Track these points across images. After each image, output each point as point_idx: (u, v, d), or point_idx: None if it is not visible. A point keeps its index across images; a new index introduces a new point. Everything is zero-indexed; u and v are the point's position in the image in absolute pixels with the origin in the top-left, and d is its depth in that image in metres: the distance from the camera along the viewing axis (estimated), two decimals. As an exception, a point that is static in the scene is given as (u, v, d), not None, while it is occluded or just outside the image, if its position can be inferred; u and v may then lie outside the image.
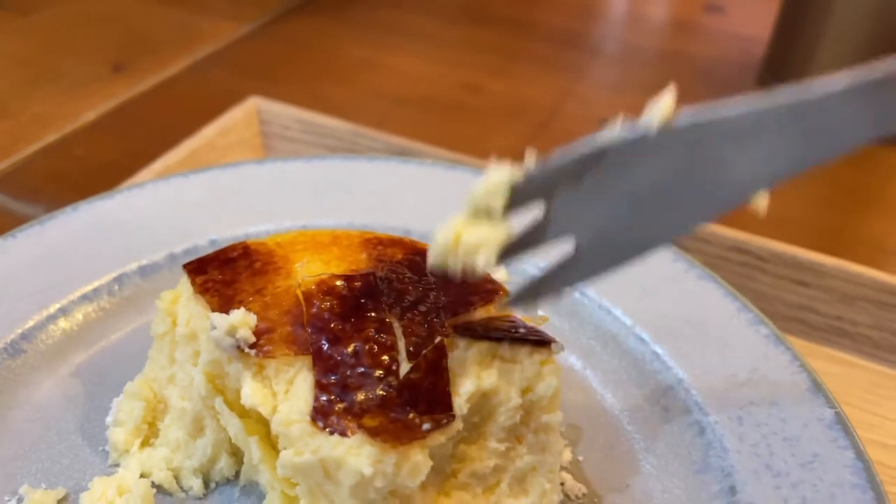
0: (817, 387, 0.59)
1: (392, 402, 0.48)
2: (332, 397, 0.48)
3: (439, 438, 0.48)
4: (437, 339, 0.50)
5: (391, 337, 0.51)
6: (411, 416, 0.47)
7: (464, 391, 0.49)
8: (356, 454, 0.45)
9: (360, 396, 0.48)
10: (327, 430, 0.47)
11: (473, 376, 0.50)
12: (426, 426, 0.47)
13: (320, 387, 0.48)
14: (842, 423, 0.56)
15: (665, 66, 1.36)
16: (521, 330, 0.53)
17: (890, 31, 1.04)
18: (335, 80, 1.23)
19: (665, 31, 1.51)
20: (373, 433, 0.46)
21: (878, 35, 1.05)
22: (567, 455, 0.60)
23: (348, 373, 0.49)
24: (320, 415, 0.47)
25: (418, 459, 0.46)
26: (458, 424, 0.49)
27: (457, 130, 1.11)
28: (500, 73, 1.28)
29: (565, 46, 1.39)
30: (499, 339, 0.52)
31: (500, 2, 1.55)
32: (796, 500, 0.53)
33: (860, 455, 0.54)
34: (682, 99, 0.44)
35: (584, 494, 0.58)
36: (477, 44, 1.38)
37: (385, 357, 0.50)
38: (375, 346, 0.50)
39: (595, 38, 1.46)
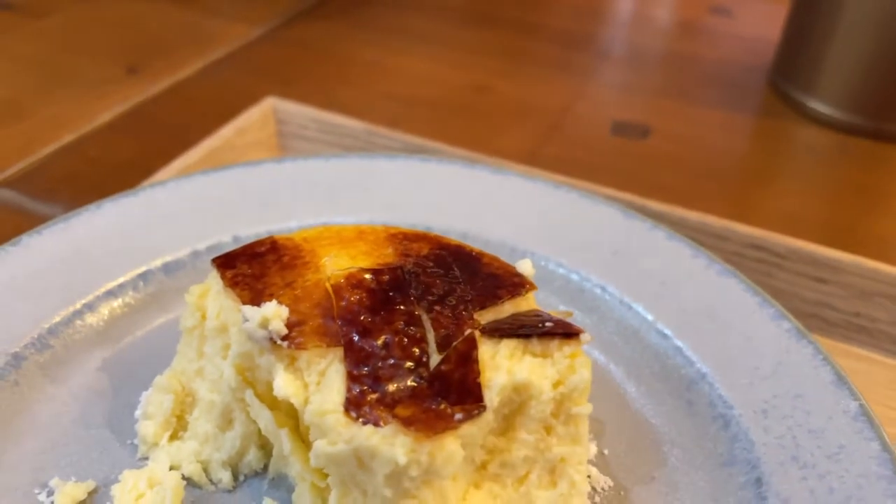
0: (841, 380, 0.59)
1: (423, 393, 0.48)
2: (365, 388, 0.48)
3: (471, 429, 0.48)
4: (468, 332, 0.51)
5: (420, 329, 0.51)
6: (443, 406, 0.47)
7: (495, 384, 0.50)
8: (390, 443, 0.46)
9: (392, 387, 0.48)
10: (360, 420, 0.47)
11: (505, 371, 0.50)
12: (458, 416, 0.47)
13: (352, 378, 0.49)
14: (867, 414, 0.56)
15: (673, 69, 1.37)
16: (549, 324, 0.53)
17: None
18: (347, 82, 1.23)
19: (672, 33, 1.51)
20: (406, 423, 0.46)
21: (887, 37, 1.06)
22: (592, 448, 0.60)
23: (379, 364, 0.49)
24: (353, 405, 0.48)
25: (452, 449, 0.47)
26: (488, 416, 0.49)
27: (467, 131, 1.12)
28: (509, 74, 1.29)
29: (573, 48, 1.40)
30: (527, 336, 0.52)
31: (508, 4, 1.56)
32: (823, 491, 0.53)
33: (886, 446, 0.54)
34: (691, 100, 0.45)
35: (610, 487, 0.58)
36: (486, 46, 1.39)
37: (415, 349, 0.50)
38: (405, 339, 0.50)
39: (602, 41, 1.47)
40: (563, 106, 1.20)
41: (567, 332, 0.52)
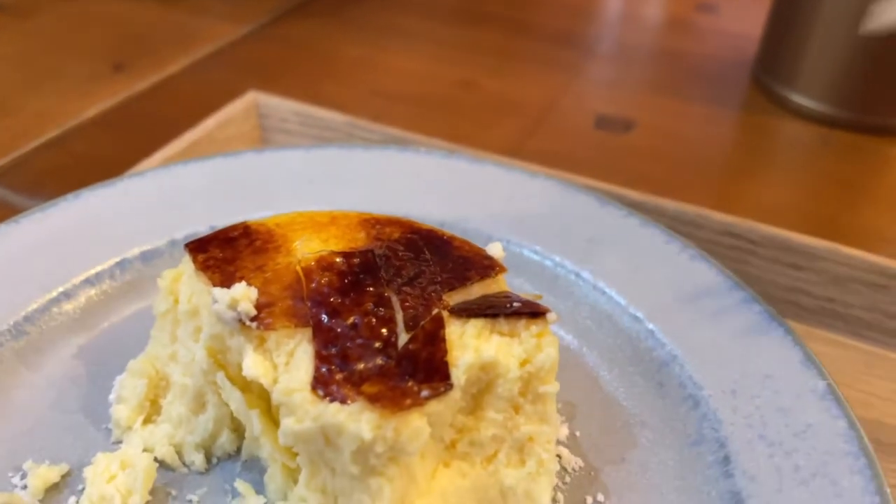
0: (809, 359, 0.60)
1: (391, 371, 0.48)
2: (332, 367, 0.49)
3: (437, 406, 0.49)
4: (435, 311, 0.51)
5: (389, 310, 0.52)
6: (410, 384, 0.48)
7: (462, 363, 0.50)
8: (356, 420, 0.46)
9: (360, 366, 0.49)
10: (327, 398, 0.47)
11: (472, 349, 0.51)
12: (424, 393, 0.48)
13: (320, 358, 0.49)
14: (834, 393, 0.57)
15: (657, 64, 1.37)
16: (516, 304, 0.54)
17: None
18: (332, 78, 1.24)
19: (658, 30, 1.52)
20: (372, 399, 0.47)
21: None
22: (564, 430, 0.61)
23: (348, 344, 0.50)
24: (321, 384, 0.48)
25: (418, 425, 0.47)
26: (455, 394, 0.50)
27: (452, 126, 1.12)
28: (496, 71, 1.30)
29: (560, 45, 1.41)
30: (494, 315, 0.53)
31: (496, 2, 1.57)
32: (789, 468, 0.53)
33: (852, 424, 0.55)
34: (677, 94, 0.46)
35: (581, 468, 0.59)
36: (473, 43, 1.40)
37: (384, 329, 0.51)
38: (374, 319, 0.51)
39: (589, 37, 1.47)
40: (547, 101, 1.21)
41: (534, 312, 0.53)
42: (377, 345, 0.50)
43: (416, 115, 1.14)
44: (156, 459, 0.57)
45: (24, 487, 0.54)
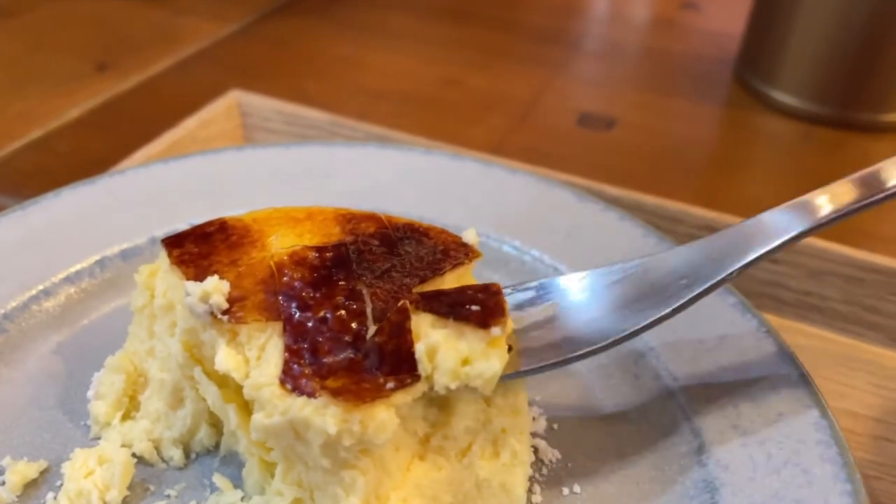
0: (783, 350, 0.60)
1: (358, 364, 0.48)
2: (301, 361, 0.49)
3: (404, 397, 0.48)
4: (401, 302, 0.51)
5: (360, 304, 0.52)
6: (376, 376, 0.48)
7: (419, 354, 0.49)
8: (321, 414, 0.46)
9: (329, 359, 0.49)
10: (295, 392, 0.48)
11: (423, 334, 0.50)
12: (390, 385, 0.47)
13: (290, 351, 0.49)
14: (806, 383, 0.58)
15: (642, 62, 1.38)
16: (474, 308, 0.50)
17: (855, 27, 1.06)
18: (316, 76, 1.24)
19: (642, 28, 1.53)
20: (335, 393, 0.46)
21: (846, 28, 1.07)
22: (542, 423, 0.61)
23: (318, 338, 0.50)
24: (289, 377, 0.48)
25: (384, 417, 0.46)
26: (422, 385, 0.49)
27: (435, 123, 1.13)
28: (480, 68, 1.30)
29: (545, 43, 1.42)
30: (444, 315, 0.51)
31: (482, 1, 1.58)
32: (762, 457, 0.54)
33: (824, 413, 0.55)
34: (660, 92, 0.46)
35: (558, 460, 0.59)
36: (458, 41, 1.40)
37: (354, 323, 0.50)
38: (344, 313, 0.51)
39: (574, 35, 1.48)
40: (530, 98, 1.22)
41: (483, 323, 0.50)
42: (347, 338, 0.50)
43: (400, 113, 1.15)
44: (134, 455, 0.57)
45: (3, 484, 0.55)
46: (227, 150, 0.81)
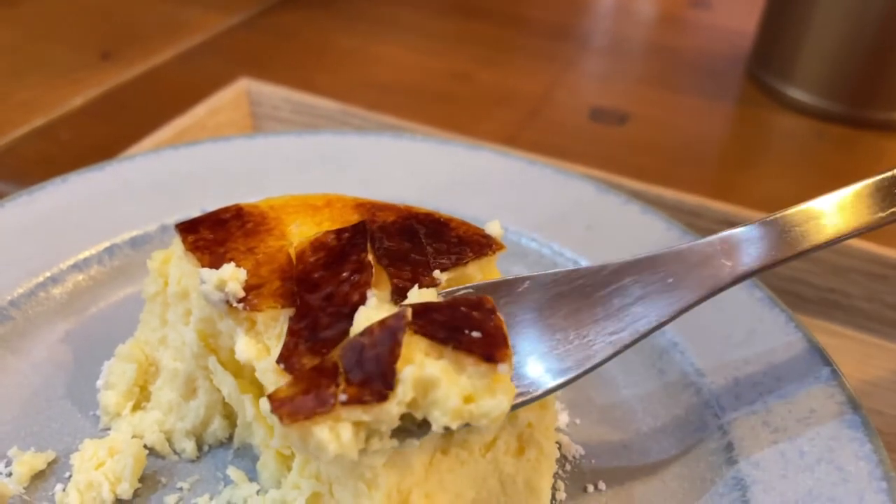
0: (812, 346, 0.59)
1: (324, 368, 0.44)
2: (300, 340, 0.47)
3: (359, 414, 0.42)
4: (399, 308, 0.46)
5: (366, 276, 0.49)
6: (333, 386, 0.43)
7: (405, 376, 0.42)
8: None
9: (326, 334, 0.46)
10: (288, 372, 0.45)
11: (418, 363, 0.43)
12: (343, 398, 0.42)
13: (291, 332, 0.48)
14: (838, 379, 0.56)
15: (653, 59, 1.37)
16: (474, 334, 0.44)
17: (870, 25, 1.05)
18: (324, 69, 1.23)
19: (652, 25, 1.52)
20: (276, 406, 0.42)
21: (861, 25, 1.06)
22: (564, 418, 0.60)
23: (319, 315, 0.48)
24: (284, 359, 0.46)
25: (322, 437, 0.41)
26: (392, 408, 0.42)
27: (445, 117, 1.11)
28: (490, 63, 1.29)
29: (554, 39, 1.40)
30: (442, 341, 0.44)
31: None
32: (794, 454, 0.53)
33: (857, 409, 0.54)
34: (672, 88, 0.45)
35: (581, 455, 0.57)
36: (467, 36, 1.39)
37: (356, 295, 0.48)
38: (347, 286, 0.49)
39: (584, 32, 1.47)
40: (541, 93, 1.20)
41: (488, 355, 0.44)
42: (346, 311, 0.47)
43: (409, 107, 1.13)
44: (145, 446, 0.55)
45: (9, 475, 0.53)
46: (239, 137, 0.80)
